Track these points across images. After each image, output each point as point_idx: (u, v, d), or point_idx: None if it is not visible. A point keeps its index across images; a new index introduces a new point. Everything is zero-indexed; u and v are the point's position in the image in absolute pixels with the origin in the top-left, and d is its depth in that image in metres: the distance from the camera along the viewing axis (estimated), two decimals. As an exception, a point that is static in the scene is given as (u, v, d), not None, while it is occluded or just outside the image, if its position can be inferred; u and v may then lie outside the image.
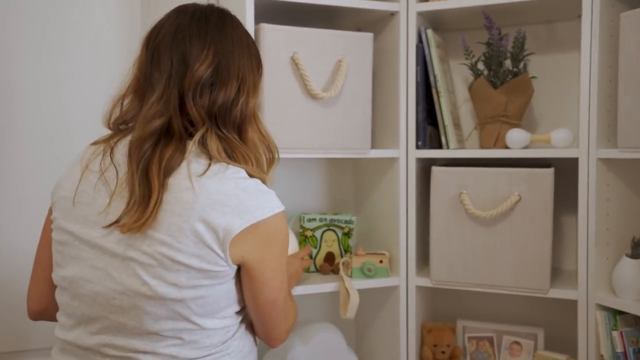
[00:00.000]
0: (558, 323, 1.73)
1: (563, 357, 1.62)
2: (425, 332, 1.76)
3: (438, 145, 1.72)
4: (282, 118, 1.52)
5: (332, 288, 1.62)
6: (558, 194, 1.57)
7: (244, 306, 1.11)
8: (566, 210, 1.70)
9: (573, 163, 1.53)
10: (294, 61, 1.52)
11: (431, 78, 1.67)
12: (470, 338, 1.81)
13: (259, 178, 1.07)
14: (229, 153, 1.06)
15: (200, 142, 1.04)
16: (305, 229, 1.72)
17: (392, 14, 1.67)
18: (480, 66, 1.69)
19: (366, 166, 1.85)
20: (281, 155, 1.44)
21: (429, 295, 1.82)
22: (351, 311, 1.57)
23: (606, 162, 1.50)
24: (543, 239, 1.54)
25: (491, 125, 1.66)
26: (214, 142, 1.04)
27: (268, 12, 1.56)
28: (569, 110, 1.72)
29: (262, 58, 1.47)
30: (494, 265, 1.59)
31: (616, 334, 1.46)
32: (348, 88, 1.58)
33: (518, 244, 1.56)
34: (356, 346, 1.91)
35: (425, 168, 1.70)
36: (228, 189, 1.01)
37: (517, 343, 1.75)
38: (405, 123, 1.67)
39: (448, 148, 1.67)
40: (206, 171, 1.01)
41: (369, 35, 1.63)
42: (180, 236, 0.98)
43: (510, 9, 1.63)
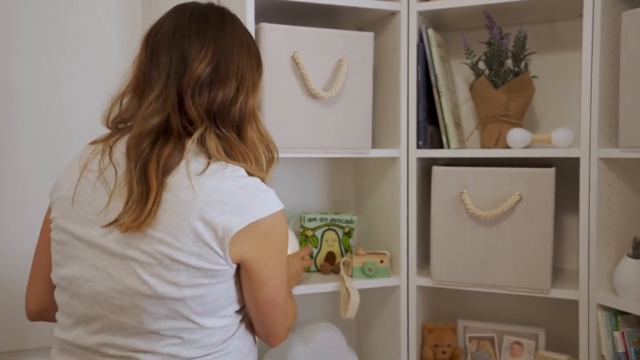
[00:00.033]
0: (559, 323, 1.73)
1: (564, 358, 1.62)
2: (426, 332, 1.76)
3: (439, 144, 1.72)
4: (283, 117, 1.52)
5: (333, 288, 1.62)
6: (559, 194, 1.57)
7: (244, 305, 1.11)
8: (567, 210, 1.70)
9: (574, 163, 1.53)
10: (295, 60, 1.52)
11: (432, 77, 1.66)
12: (471, 338, 1.80)
13: (258, 177, 1.07)
14: (228, 152, 1.06)
15: (198, 141, 1.04)
16: (305, 229, 1.72)
17: (393, 14, 1.66)
18: (481, 66, 1.69)
19: (367, 166, 1.85)
20: (282, 154, 1.44)
21: (430, 295, 1.81)
22: (352, 311, 1.57)
23: (607, 162, 1.50)
24: (544, 239, 1.54)
25: (492, 124, 1.66)
26: (213, 141, 1.04)
27: (268, 12, 1.56)
28: (570, 109, 1.71)
29: (263, 57, 1.48)
30: (495, 265, 1.59)
31: (617, 334, 1.46)
32: (349, 87, 1.58)
33: (519, 244, 1.56)
34: (357, 346, 1.91)
35: (426, 168, 1.70)
36: (227, 188, 1.01)
37: (518, 343, 1.75)
38: (406, 123, 1.67)
39: (449, 148, 1.67)
40: (205, 170, 1.01)
41: (370, 34, 1.63)
42: (179, 235, 0.98)
43: (511, 9, 1.63)
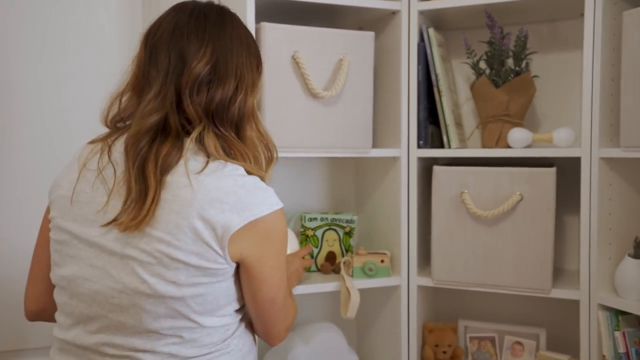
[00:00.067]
0: (560, 323, 1.73)
1: (565, 358, 1.62)
2: (426, 332, 1.76)
3: (439, 144, 1.71)
4: (283, 117, 1.52)
5: (333, 287, 1.62)
6: (560, 194, 1.57)
7: (244, 304, 1.11)
8: (568, 209, 1.69)
9: (575, 162, 1.53)
10: (295, 60, 1.52)
11: (433, 77, 1.66)
12: (472, 338, 1.80)
13: (258, 175, 1.07)
14: (227, 151, 1.06)
15: (197, 140, 1.04)
16: (306, 228, 1.72)
17: (394, 13, 1.66)
18: (482, 65, 1.68)
19: (367, 165, 1.85)
20: (282, 154, 1.45)
21: (431, 295, 1.81)
22: (352, 311, 1.56)
23: (608, 162, 1.50)
24: (545, 239, 1.54)
25: (493, 124, 1.66)
26: (211, 140, 1.04)
27: (269, 11, 1.55)
28: (571, 109, 1.71)
29: (263, 57, 1.48)
30: (496, 265, 1.58)
31: (618, 335, 1.45)
32: (349, 87, 1.58)
33: (520, 244, 1.56)
34: (357, 346, 1.90)
35: (426, 167, 1.70)
36: (226, 186, 1.01)
37: (519, 343, 1.74)
38: (406, 122, 1.67)
39: (449, 147, 1.67)
40: (204, 168, 1.01)
41: (370, 34, 1.62)
42: (178, 234, 0.98)
43: (512, 8, 1.62)
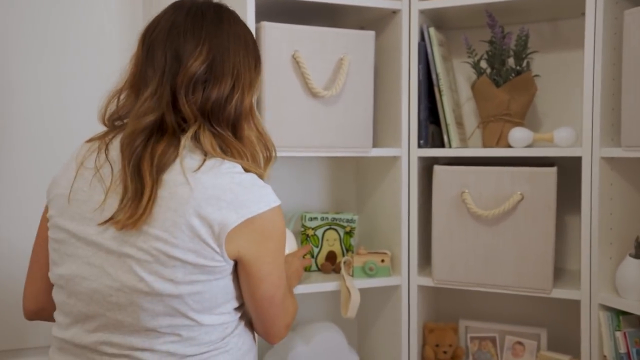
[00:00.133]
0: (561, 323, 1.72)
1: (566, 358, 1.61)
2: (427, 332, 1.75)
3: (440, 144, 1.71)
4: (283, 116, 1.52)
5: (334, 287, 1.61)
6: (561, 193, 1.56)
7: (243, 303, 1.11)
8: (569, 209, 1.69)
9: (576, 162, 1.52)
10: (295, 59, 1.52)
11: (433, 76, 1.66)
12: (472, 338, 1.80)
13: (256, 173, 1.07)
14: (224, 149, 1.05)
15: (194, 138, 1.04)
16: (306, 228, 1.72)
17: (395, 12, 1.66)
18: (483, 64, 1.68)
19: (368, 165, 1.85)
20: (282, 153, 1.45)
21: (431, 294, 1.81)
22: (352, 310, 1.56)
23: (609, 161, 1.49)
24: (546, 239, 1.53)
25: (494, 123, 1.65)
26: (207, 139, 1.03)
27: (269, 10, 1.55)
28: (573, 108, 1.70)
29: (263, 56, 1.47)
30: (496, 264, 1.58)
31: (619, 335, 1.45)
32: (349, 86, 1.58)
33: (520, 244, 1.55)
34: (358, 346, 1.90)
35: (427, 167, 1.69)
36: (223, 184, 1.00)
37: (520, 343, 1.74)
38: (407, 122, 1.67)
39: (450, 147, 1.66)
40: (201, 166, 1.01)
41: (371, 33, 1.62)
42: (175, 231, 0.97)
43: (513, 7, 1.62)
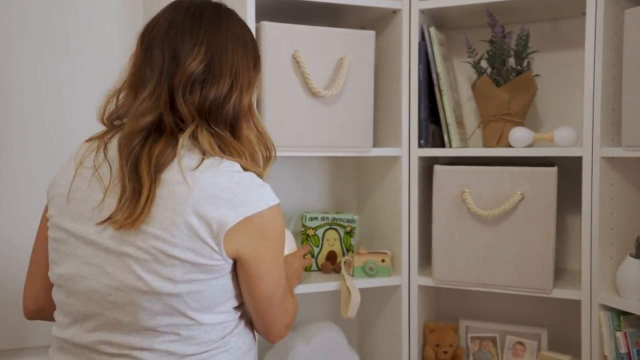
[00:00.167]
0: (561, 323, 1.72)
1: (566, 358, 1.61)
2: (427, 332, 1.75)
3: (440, 143, 1.71)
4: (283, 116, 1.52)
5: (334, 287, 1.61)
6: (561, 193, 1.56)
7: (243, 302, 1.10)
8: (570, 209, 1.69)
9: (577, 162, 1.52)
10: (295, 59, 1.52)
11: (434, 76, 1.65)
12: (473, 338, 1.80)
13: (255, 172, 1.06)
14: (222, 148, 1.05)
15: (192, 137, 1.03)
16: (307, 228, 1.71)
17: (395, 12, 1.66)
18: (483, 64, 1.68)
19: (368, 165, 1.85)
20: (283, 153, 1.44)
21: (432, 294, 1.81)
22: (352, 310, 1.56)
23: (610, 161, 1.49)
24: (546, 239, 1.53)
25: (494, 123, 1.65)
26: (205, 138, 1.03)
27: (270, 10, 1.55)
28: (573, 108, 1.70)
29: (263, 56, 1.47)
30: (497, 264, 1.58)
31: (620, 335, 1.45)
32: (350, 86, 1.58)
33: (521, 244, 1.55)
34: (358, 346, 1.90)
35: (427, 167, 1.69)
36: (222, 182, 1.00)
37: (521, 343, 1.74)
38: (407, 121, 1.66)
39: (450, 147, 1.66)
40: (199, 165, 1.01)
41: (371, 33, 1.62)
42: (174, 230, 0.97)
43: (513, 7, 1.62)
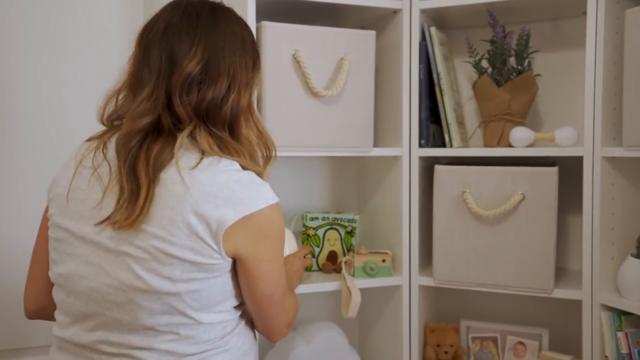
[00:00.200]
0: (563, 323, 1.72)
1: (567, 358, 1.61)
2: (428, 332, 1.75)
3: (441, 143, 1.70)
4: (284, 116, 1.52)
5: (335, 287, 1.61)
6: (562, 193, 1.56)
7: (243, 301, 1.10)
8: (570, 209, 1.68)
9: (577, 162, 1.51)
10: (296, 59, 1.52)
11: (434, 76, 1.65)
12: (474, 338, 1.80)
13: (254, 171, 1.06)
14: (221, 148, 1.05)
15: (190, 136, 1.03)
16: (307, 228, 1.71)
17: (395, 12, 1.66)
18: (484, 64, 1.68)
19: (369, 164, 1.84)
20: (283, 153, 1.44)
21: (432, 294, 1.81)
22: (353, 310, 1.56)
23: (611, 161, 1.49)
24: (547, 239, 1.53)
25: (495, 123, 1.65)
26: (204, 138, 1.03)
27: (270, 10, 1.55)
28: (574, 108, 1.70)
29: (263, 56, 1.47)
30: (497, 264, 1.58)
31: (621, 335, 1.44)
32: (350, 86, 1.58)
33: (522, 244, 1.55)
34: (359, 346, 1.90)
35: (428, 166, 1.69)
36: (221, 181, 1.00)
37: (522, 343, 1.74)
38: (408, 121, 1.66)
39: (451, 146, 1.66)
40: (198, 164, 1.01)
41: (372, 32, 1.62)
42: (173, 229, 0.97)
43: (514, 6, 1.62)
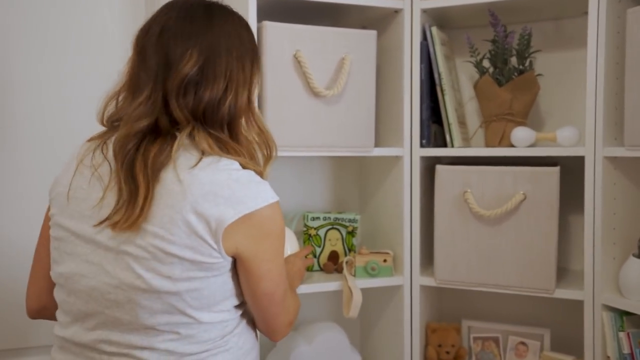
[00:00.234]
0: (564, 324, 1.71)
1: (569, 358, 1.61)
2: (429, 332, 1.75)
3: (443, 143, 1.70)
4: (285, 116, 1.52)
5: (336, 287, 1.61)
6: (564, 193, 1.55)
7: (244, 301, 1.10)
8: (572, 209, 1.68)
9: (579, 161, 1.51)
10: (297, 59, 1.52)
11: (436, 76, 1.65)
12: (475, 338, 1.79)
13: (254, 170, 1.06)
14: (221, 147, 1.05)
15: (189, 137, 1.03)
16: (309, 228, 1.71)
17: (397, 11, 1.66)
18: (485, 64, 1.67)
19: (370, 164, 1.84)
20: (284, 153, 1.44)
21: (434, 294, 1.80)
22: (354, 310, 1.56)
23: (612, 161, 1.48)
24: (548, 239, 1.53)
25: (496, 123, 1.65)
26: (203, 139, 1.03)
27: (271, 10, 1.55)
28: (575, 108, 1.69)
29: (264, 55, 1.47)
30: (499, 264, 1.57)
31: (623, 335, 1.44)
32: (351, 86, 1.58)
33: (523, 244, 1.55)
34: (360, 346, 1.90)
35: (429, 166, 1.69)
36: (221, 180, 1.00)
37: (523, 344, 1.73)
38: (409, 121, 1.66)
39: (452, 146, 1.66)
40: (198, 163, 1.01)
41: (373, 32, 1.62)
42: (172, 228, 0.97)
43: (515, 6, 1.61)
